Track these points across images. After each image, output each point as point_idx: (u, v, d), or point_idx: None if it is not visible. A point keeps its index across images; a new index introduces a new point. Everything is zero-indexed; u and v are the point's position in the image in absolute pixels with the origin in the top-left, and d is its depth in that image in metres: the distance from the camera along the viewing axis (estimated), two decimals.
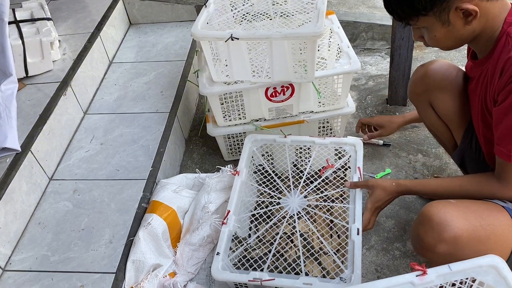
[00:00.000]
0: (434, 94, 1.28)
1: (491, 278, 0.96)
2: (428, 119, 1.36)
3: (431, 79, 1.28)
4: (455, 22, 1.00)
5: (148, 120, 1.71)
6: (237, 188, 1.42)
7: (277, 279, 1.19)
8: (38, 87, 1.66)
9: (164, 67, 1.97)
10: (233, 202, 1.38)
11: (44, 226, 1.38)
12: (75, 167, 1.56)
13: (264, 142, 1.54)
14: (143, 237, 1.29)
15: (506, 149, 1.01)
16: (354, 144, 1.46)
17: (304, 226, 1.36)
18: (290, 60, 1.44)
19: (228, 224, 1.33)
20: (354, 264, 1.17)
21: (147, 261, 1.27)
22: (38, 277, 1.24)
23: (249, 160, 1.52)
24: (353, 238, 1.22)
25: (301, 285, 1.16)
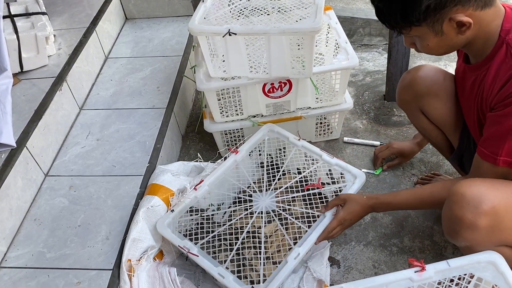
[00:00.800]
0: (425, 100, 1.28)
1: (489, 274, 0.96)
2: (420, 125, 1.36)
3: (420, 86, 1.27)
4: (448, 32, 0.99)
5: (145, 116, 1.70)
6: (226, 164, 1.43)
7: (201, 257, 1.22)
8: (33, 82, 1.65)
9: (160, 62, 1.95)
10: (214, 175, 1.41)
11: (40, 223, 1.37)
12: (71, 163, 1.55)
13: (278, 136, 1.51)
14: (143, 218, 1.30)
15: (489, 150, 1.03)
16: (356, 176, 1.36)
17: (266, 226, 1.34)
18: (288, 56, 1.43)
19: (197, 191, 1.36)
20: (271, 282, 1.16)
21: (144, 241, 1.28)
22: (34, 274, 1.23)
23: (255, 146, 1.50)
24: (288, 259, 1.19)
25: (216, 273, 1.19)
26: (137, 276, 1.21)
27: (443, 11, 0.94)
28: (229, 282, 1.17)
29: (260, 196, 1.42)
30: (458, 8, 0.94)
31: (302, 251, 1.20)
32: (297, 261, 1.19)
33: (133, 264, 1.23)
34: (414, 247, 1.42)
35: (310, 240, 1.22)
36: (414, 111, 1.34)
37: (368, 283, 0.97)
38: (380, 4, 1.02)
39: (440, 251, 1.40)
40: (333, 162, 1.40)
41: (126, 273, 1.20)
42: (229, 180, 1.46)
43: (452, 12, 0.94)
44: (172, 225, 1.31)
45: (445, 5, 0.93)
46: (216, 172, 1.43)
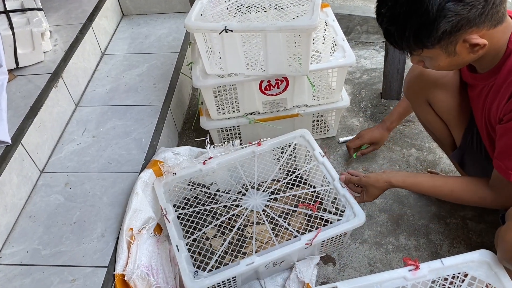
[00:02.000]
0: (433, 92, 1.26)
1: (482, 272, 0.97)
2: (425, 117, 1.34)
3: (429, 77, 1.25)
4: (461, 52, 0.96)
5: (141, 113, 1.69)
6: (243, 151, 1.45)
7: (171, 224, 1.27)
8: (29, 79, 1.64)
9: (157, 59, 1.95)
10: (226, 157, 1.44)
11: (35, 220, 1.36)
12: (66, 160, 1.54)
13: (306, 144, 1.48)
14: (141, 190, 1.34)
15: (504, 164, 1.01)
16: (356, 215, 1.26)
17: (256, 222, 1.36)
18: (285, 53, 1.43)
19: (205, 166, 1.41)
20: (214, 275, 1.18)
21: (145, 211, 1.32)
22: (29, 271, 1.23)
23: (280, 145, 1.50)
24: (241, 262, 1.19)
25: (174, 244, 1.23)
26: (136, 245, 1.24)
27: (458, 33, 0.92)
28: (180, 256, 1.20)
29: (253, 193, 1.42)
30: (473, 30, 0.91)
31: (257, 260, 1.19)
32: (248, 268, 1.18)
33: (134, 233, 1.26)
34: (410, 245, 1.42)
35: (271, 255, 1.20)
36: (421, 102, 1.32)
37: (362, 282, 0.98)
38: (391, 28, 0.97)
39: (435, 249, 1.40)
40: (341, 192, 1.32)
41: (126, 240, 1.24)
42: (238, 168, 1.47)
43: (467, 33, 0.92)
44: (166, 186, 1.37)
45: (460, 28, 0.91)
46: (230, 155, 1.44)
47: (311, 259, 1.34)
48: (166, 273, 1.29)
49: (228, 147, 1.51)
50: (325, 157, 1.42)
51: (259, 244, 1.28)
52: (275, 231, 1.32)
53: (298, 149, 1.52)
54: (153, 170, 1.42)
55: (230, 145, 1.51)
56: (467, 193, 1.14)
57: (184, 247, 1.24)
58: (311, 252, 1.33)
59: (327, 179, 1.37)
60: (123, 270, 1.21)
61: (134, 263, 1.22)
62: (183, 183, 1.44)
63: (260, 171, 1.48)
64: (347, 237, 1.38)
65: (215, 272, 1.19)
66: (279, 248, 1.21)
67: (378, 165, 1.67)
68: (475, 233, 1.43)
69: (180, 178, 1.42)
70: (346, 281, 0.98)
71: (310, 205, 1.37)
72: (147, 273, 1.22)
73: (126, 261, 1.23)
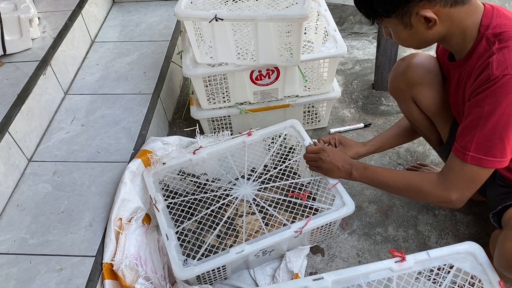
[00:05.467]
0: (417, 89, 1.26)
1: (468, 264, 0.98)
2: (411, 114, 1.34)
3: (414, 74, 1.25)
4: (417, 26, 1.00)
5: (131, 102, 1.67)
6: (233, 141, 1.45)
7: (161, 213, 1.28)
8: (17, 66, 1.61)
9: (147, 47, 1.92)
10: (216, 147, 1.44)
11: (22, 209, 1.35)
12: (55, 149, 1.53)
13: (296, 135, 1.48)
14: (129, 180, 1.34)
15: (460, 145, 1.02)
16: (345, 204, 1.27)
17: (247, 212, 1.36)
18: (276, 43, 1.42)
19: (195, 155, 1.41)
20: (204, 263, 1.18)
21: (133, 201, 1.32)
22: (16, 260, 1.22)
23: (270, 136, 1.49)
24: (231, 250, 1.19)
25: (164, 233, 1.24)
26: (125, 235, 1.24)
27: (409, 4, 0.96)
28: (169, 245, 1.20)
29: (243, 183, 1.42)
30: (424, 4, 0.95)
31: (247, 249, 1.19)
32: (237, 256, 1.18)
33: (123, 223, 1.26)
34: (398, 236, 1.43)
35: (261, 244, 1.20)
36: (406, 99, 1.32)
37: (348, 273, 0.98)
38: None
39: (423, 241, 1.41)
40: (331, 182, 1.33)
41: (114, 230, 1.24)
42: (228, 158, 1.46)
43: (419, 7, 0.96)
44: (156, 176, 1.38)
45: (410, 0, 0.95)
46: (220, 145, 1.44)
47: (302, 250, 1.34)
48: (155, 263, 1.29)
49: (219, 138, 1.50)
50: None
51: (249, 233, 1.28)
52: (265, 220, 1.32)
53: (289, 139, 1.52)
54: (141, 160, 1.41)
55: (220, 136, 1.50)
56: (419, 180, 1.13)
57: (174, 236, 1.24)
58: (301, 241, 1.33)
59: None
60: (111, 260, 1.21)
61: (123, 253, 1.22)
62: (173, 173, 1.43)
63: (251, 161, 1.47)
64: (337, 226, 1.38)
65: (205, 261, 1.19)
66: (269, 237, 1.21)
67: (369, 156, 1.66)
68: (463, 225, 1.44)
69: (170, 168, 1.42)
70: (333, 272, 0.98)
71: (300, 194, 1.37)
72: (136, 263, 1.21)
73: (114, 251, 1.23)
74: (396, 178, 1.18)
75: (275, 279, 1.29)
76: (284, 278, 1.29)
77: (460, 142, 1.02)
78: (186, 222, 1.32)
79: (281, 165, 1.46)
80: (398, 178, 1.18)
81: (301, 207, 1.32)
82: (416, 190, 1.13)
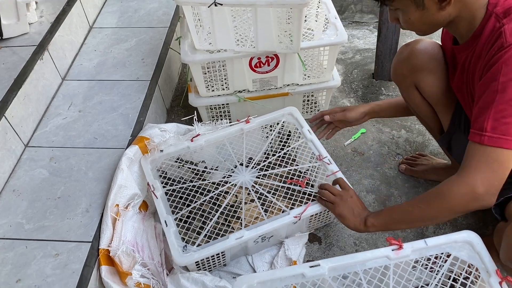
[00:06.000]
0: (421, 75, 1.24)
1: (465, 253, 0.97)
2: (413, 101, 1.32)
3: (418, 60, 1.22)
4: (429, 6, 0.96)
5: (128, 88, 1.66)
6: (231, 129, 1.45)
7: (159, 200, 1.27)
8: (14, 50, 1.60)
9: (146, 33, 1.90)
10: (214, 135, 1.43)
11: (19, 194, 1.34)
12: (52, 134, 1.52)
13: (294, 122, 1.47)
14: (126, 167, 1.33)
15: (476, 128, 0.94)
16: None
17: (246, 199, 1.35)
18: (276, 30, 1.40)
19: (192, 143, 1.40)
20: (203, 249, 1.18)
21: (130, 188, 1.31)
22: (12, 245, 1.22)
23: (268, 123, 1.49)
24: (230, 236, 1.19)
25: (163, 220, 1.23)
26: (121, 222, 1.24)
27: None
28: (168, 231, 1.20)
29: (241, 170, 1.41)
30: None
31: (246, 235, 1.19)
32: (237, 242, 1.18)
33: (120, 210, 1.25)
34: None
35: (260, 230, 1.20)
36: (409, 86, 1.29)
37: (345, 260, 0.98)
38: None
39: (421, 230, 1.41)
40: (329, 168, 1.32)
41: (111, 216, 1.23)
42: (226, 145, 1.45)
43: None
44: (154, 163, 1.37)
45: None
46: (218, 132, 1.43)
47: (300, 238, 1.34)
48: (152, 249, 1.28)
49: (217, 126, 1.49)
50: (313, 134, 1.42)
51: (249, 220, 1.28)
52: (264, 207, 1.31)
53: (287, 127, 1.51)
54: (139, 146, 1.40)
55: (218, 124, 1.49)
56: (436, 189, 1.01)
57: (173, 222, 1.23)
58: (300, 227, 1.33)
59: (316, 156, 1.37)
60: (107, 246, 1.21)
61: (119, 239, 1.21)
62: (171, 160, 1.43)
63: (249, 148, 1.46)
64: None
65: (204, 247, 1.18)
66: (268, 223, 1.22)
67: (368, 146, 1.66)
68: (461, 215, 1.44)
69: (168, 155, 1.41)
70: (329, 259, 0.98)
71: (299, 181, 1.36)
72: (132, 249, 1.21)
73: (111, 237, 1.22)
74: (414, 201, 1.07)
75: (273, 266, 1.29)
76: (283, 265, 1.29)
77: (475, 124, 0.93)
78: (185, 208, 1.32)
79: (279, 152, 1.45)
80: (416, 199, 1.07)
81: (300, 194, 1.32)
82: (439, 198, 0.99)
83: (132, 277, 1.18)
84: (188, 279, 1.19)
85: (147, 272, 1.22)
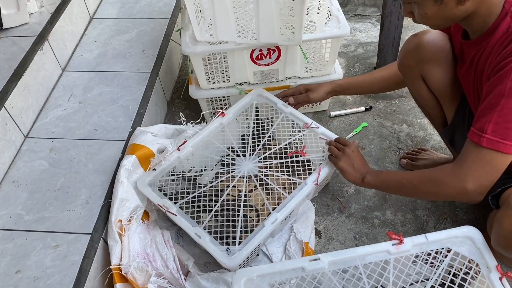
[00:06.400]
0: (428, 67, 1.22)
1: (466, 248, 0.97)
2: (418, 92, 1.31)
3: (426, 51, 1.20)
4: (448, 0, 0.94)
5: (129, 80, 1.65)
6: (212, 126, 1.42)
7: (179, 216, 1.22)
8: (13, 41, 1.59)
9: (146, 24, 1.89)
10: (198, 137, 1.40)
11: (18, 185, 1.34)
12: (52, 126, 1.51)
13: (266, 101, 1.48)
14: (126, 179, 1.29)
15: (476, 127, 0.96)
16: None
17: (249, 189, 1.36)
18: (277, 21, 1.39)
19: (181, 152, 1.36)
20: (247, 245, 1.17)
21: (132, 200, 1.27)
22: (11, 236, 1.22)
23: (242, 110, 1.48)
24: (265, 223, 1.19)
25: (193, 233, 1.19)
26: (127, 237, 1.21)
27: None
28: (205, 242, 1.17)
29: (243, 160, 1.41)
30: None
31: (279, 216, 1.20)
32: (273, 226, 1.19)
33: (124, 225, 1.22)
34: (396, 220, 1.42)
35: (289, 206, 1.22)
36: (415, 77, 1.28)
37: (345, 254, 0.97)
38: None
39: (421, 225, 1.41)
40: (319, 132, 1.38)
41: (117, 232, 1.20)
42: (214, 143, 1.44)
43: None
44: (152, 184, 1.32)
45: None
46: (201, 133, 1.41)
47: (307, 219, 1.35)
48: (164, 257, 1.24)
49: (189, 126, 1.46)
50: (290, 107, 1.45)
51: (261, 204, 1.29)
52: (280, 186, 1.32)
53: (261, 109, 1.50)
54: (136, 156, 1.33)
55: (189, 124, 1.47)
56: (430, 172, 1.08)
57: (204, 232, 1.19)
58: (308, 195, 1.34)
59: (300, 126, 1.42)
60: (119, 263, 1.17)
61: (128, 255, 1.18)
62: (167, 176, 1.37)
63: (236, 139, 1.46)
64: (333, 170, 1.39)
65: (246, 242, 1.17)
66: (293, 198, 1.24)
67: (369, 140, 1.66)
68: (461, 210, 1.43)
69: (162, 172, 1.35)
70: (329, 253, 0.98)
71: (298, 151, 1.38)
72: (144, 262, 1.18)
73: (121, 253, 1.18)
74: (409, 175, 1.13)
75: (286, 251, 1.30)
76: (295, 248, 1.29)
77: (477, 124, 0.95)
78: (207, 216, 1.28)
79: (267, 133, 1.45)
80: (411, 175, 1.12)
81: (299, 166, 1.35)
82: (430, 182, 1.06)
83: None
84: (208, 279, 1.17)
85: (163, 281, 1.19)
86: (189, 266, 1.23)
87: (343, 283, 0.97)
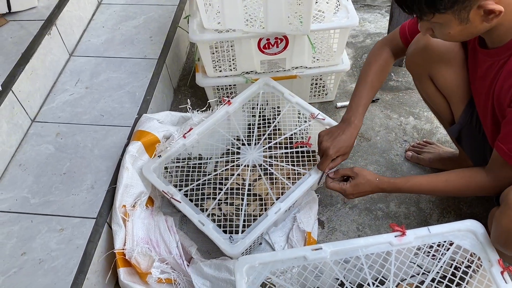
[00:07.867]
0: (437, 67, 1.20)
1: (468, 242, 0.97)
2: (425, 91, 1.29)
3: (435, 51, 1.17)
4: (474, 20, 0.90)
5: (136, 66, 1.65)
6: (218, 114, 1.42)
7: (183, 203, 1.23)
8: (21, 24, 1.59)
9: (154, 11, 1.89)
10: (204, 125, 1.40)
11: (25, 168, 1.35)
12: (58, 110, 1.52)
13: (273, 91, 1.48)
14: (131, 165, 1.30)
15: (507, 147, 0.97)
16: None
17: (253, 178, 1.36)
18: (286, 10, 1.37)
19: (186, 139, 1.36)
20: (250, 233, 1.17)
21: (136, 186, 1.29)
22: (17, 219, 1.23)
23: (249, 99, 1.48)
24: (268, 213, 1.20)
25: (196, 220, 1.20)
26: (131, 222, 1.22)
27: None
28: (208, 229, 1.18)
29: (248, 149, 1.41)
30: None
31: (283, 206, 1.20)
32: (277, 216, 1.19)
33: (128, 210, 1.23)
34: (400, 213, 1.42)
35: (292, 197, 1.22)
36: (423, 76, 1.26)
37: (347, 245, 0.98)
38: None
39: (425, 218, 1.41)
40: (325, 123, 1.38)
41: (121, 217, 1.21)
42: (219, 131, 1.44)
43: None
44: (157, 171, 1.32)
45: None
46: (207, 121, 1.41)
47: (311, 209, 1.35)
48: (167, 243, 1.25)
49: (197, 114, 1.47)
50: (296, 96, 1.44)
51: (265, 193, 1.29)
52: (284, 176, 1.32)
53: (268, 98, 1.50)
54: (141, 142, 1.34)
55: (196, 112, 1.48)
56: (463, 179, 1.10)
57: (207, 219, 1.20)
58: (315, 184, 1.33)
59: (306, 116, 1.41)
60: (122, 248, 1.18)
61: (132, 240, 1.19)
62: (172, 163, 1.38)
63: (242, 128, 1.46)
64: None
65: (249, 231, 1.18)
66: (297, 188, 1.24)
67: (375, 132, 1.65)
68: (465, 204, 1.43)
69: (167, 159, 1.35)
70: (332, 243, 0.98)
71: (304, 142, 1.38)
72: (147, 247, 1.19)
73: (124, 238, 1.20)
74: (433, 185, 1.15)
75: (289, 240, 1.30)
76: (298, 237, 1.30)
77: (506, 143, 0.98)
78: (211, 203, 1.28)
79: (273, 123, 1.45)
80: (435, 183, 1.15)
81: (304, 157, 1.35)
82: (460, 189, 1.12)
83: (152, 275, 1.17)
84: (211, 266, 1.18)
85: (166, 266, 1.20)
86: (192, 253, 1.24)
87: (344, 273, 0.98)
